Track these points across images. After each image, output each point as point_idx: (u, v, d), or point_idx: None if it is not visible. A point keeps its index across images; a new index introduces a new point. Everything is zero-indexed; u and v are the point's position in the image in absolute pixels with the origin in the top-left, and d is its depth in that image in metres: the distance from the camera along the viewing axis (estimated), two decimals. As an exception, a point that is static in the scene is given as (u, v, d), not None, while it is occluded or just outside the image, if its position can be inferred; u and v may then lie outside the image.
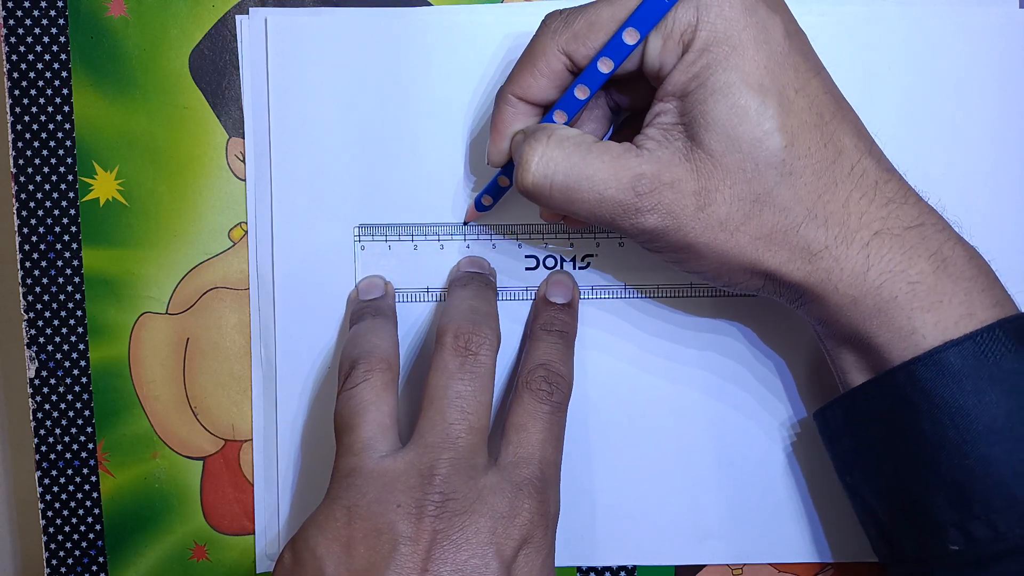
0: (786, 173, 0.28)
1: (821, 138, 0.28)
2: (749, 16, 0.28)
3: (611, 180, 0.29)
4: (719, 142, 0.28)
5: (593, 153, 0.29)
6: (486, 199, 0.35)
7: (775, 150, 0.28)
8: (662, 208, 0.28)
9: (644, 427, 0.37)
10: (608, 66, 0.29)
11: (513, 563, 0.28)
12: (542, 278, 0.36)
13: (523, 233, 0.36)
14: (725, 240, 0.29)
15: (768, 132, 0.28)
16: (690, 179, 0.28)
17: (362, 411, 0.31)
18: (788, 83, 0.28)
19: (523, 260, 0.36)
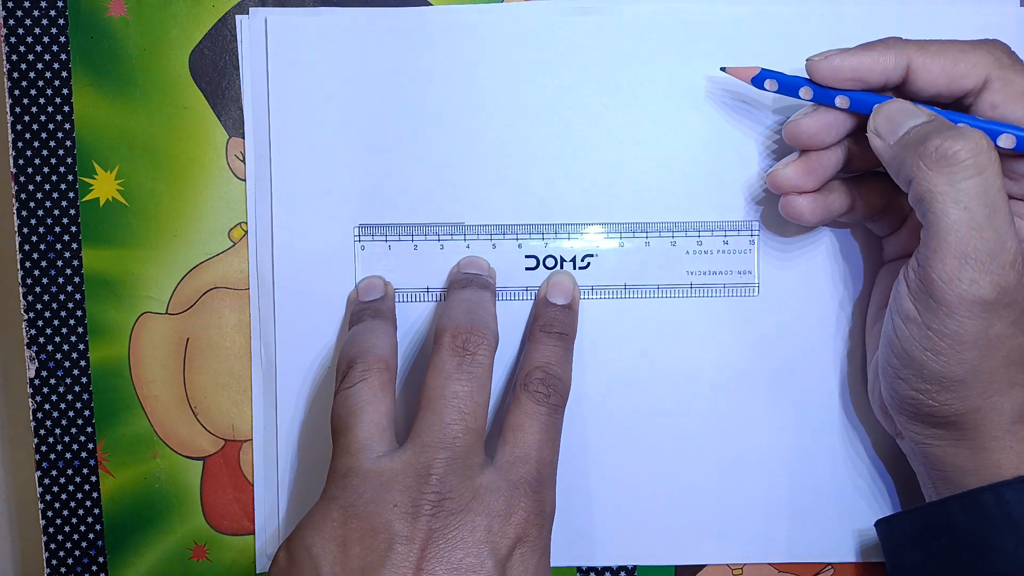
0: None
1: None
2: None
3: (1008, 229, 0.27)
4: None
5: (1006, 196, 0.28)
6: (771, 84, 0.33)
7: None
8: (1005, 290, 0.27)
9: (644, 427, 0.37)
10: None
11: (508, 562, 0.28)
12: (542, 278, 0.36)
13: (523, 233, 0.36)
14: (990, 367, 0.28)
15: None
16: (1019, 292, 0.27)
17: (359, 411, 0.31)
18: None
19: (523, 260, 0.36)
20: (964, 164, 0.27)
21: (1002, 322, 0.27)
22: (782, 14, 0.35)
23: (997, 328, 0.27)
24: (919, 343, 0.29)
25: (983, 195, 0.27)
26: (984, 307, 0.27)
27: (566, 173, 0.36)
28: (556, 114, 0.36)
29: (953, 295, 0.27)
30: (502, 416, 0.33)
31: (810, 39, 0.35)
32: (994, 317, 0.27)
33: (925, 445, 0.31)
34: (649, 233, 0.36)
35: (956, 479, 0.30)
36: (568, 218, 0.36)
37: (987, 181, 0.27)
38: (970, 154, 0.27)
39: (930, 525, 0.31)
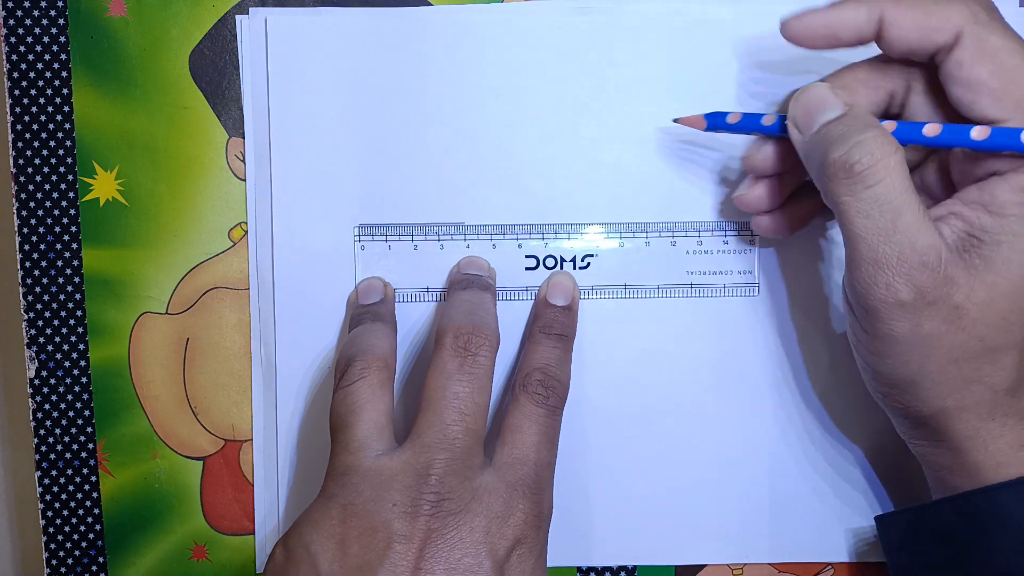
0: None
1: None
2: None
3: (924, 233, 0.27)
4: (1008, 282, 0.27)
5: (917, 196, 0.27)
6: (733, 117, 0.32)
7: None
8: (927, 293, 0.27)
9: (644, 427, 0.37)
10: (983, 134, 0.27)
11: (506, 563, 0.28)
12: (542, 278, 0.36)
13: (523, 233, 0.36)
14: (939, 359, 0.27)
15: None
16: (962, 291, 0.27)
17: (358, 409, 0.31)
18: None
19: (523, 260, 0.36)
20: (862, 175, 0.27)
21: (931, 321, 0.27)
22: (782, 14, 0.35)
23: (927, 327, 0.27)
24: (865, 347, 0.29)
25: (885, 202, 0.27)
26: (905, 309, 0.27)
27: (566, 173, 0.36)
28: (556, 114, 0.36)
29: (874, 300, 0.27)
30: (500, 417, 0.33)
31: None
32: (920, 317, 0.27)
33: (914, 445, 0.31)
34: (649, 233, 0.36)
35: (947, 479, 0.30)
36: (568, 218, 0.36)
37: (888, 187, 0.27)
38: (867, 165, 0.27)
39: (923, 526, 0.31)
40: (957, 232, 0.28)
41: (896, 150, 0.27)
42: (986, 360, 0.27)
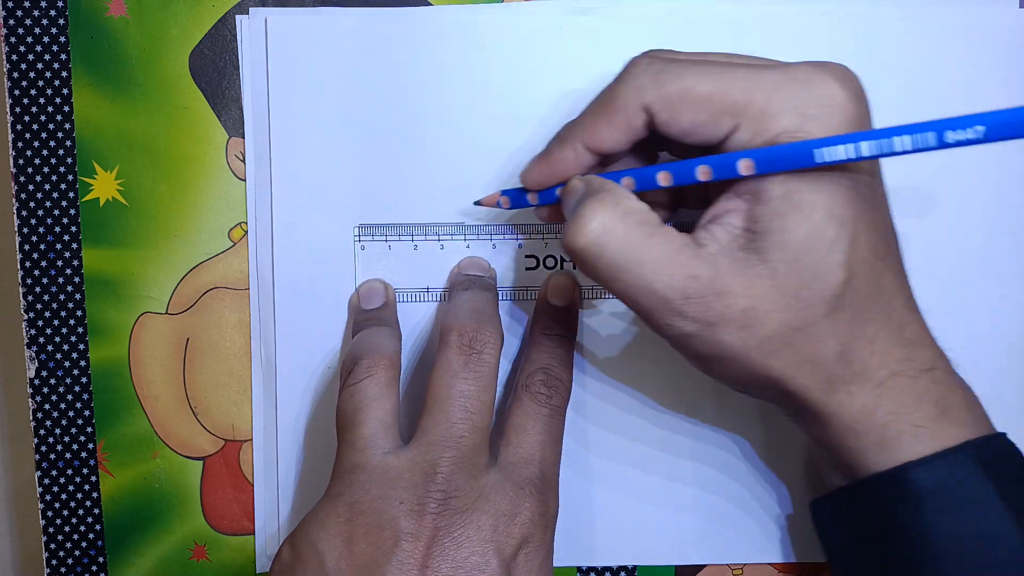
0: (834, 308, 0.27)
1: (872, 274, 0.27)
2: None
3: (663, 274, 0.27)
4: (785, 264, 0.26)
5: (654, 239, 0.27)
6: (504, 201, 0.34)
7: (834, 285, 0.26)
8: (705, 317, 0.27)
9: (644, 427, 0.37)
10: (707, 176, 0.27)
11: (513, 562, 0.28)
12: (542, 278, 0.36)
13: (523, 233, 0.36)
14: (758, 358, 0.27)
15: (833, 266, 0.26)
16: (742, 295, 0.27)
17: (365, 407, 0.31)
18: (863, 216, 0.27)
19: (523, 260, 0.36)
20: (584, 255, 0.27)
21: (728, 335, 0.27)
22: (782, 14, 0.35)
23: (729, 340, 0.27)
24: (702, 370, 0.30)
25: (619, 264, 0.27)
26: (699, 337, 0.27)
27: (566, 173, 0.36)
28: (556, 114, 0.36)
29: (671, 338, 0.28)
30: (503, 417, 0.33)
31: (810, 39, 0.35)
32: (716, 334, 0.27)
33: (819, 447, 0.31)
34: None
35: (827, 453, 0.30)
36: (568, 218, 0.36)
37: (614, 251, 0.27)
38: (581, 247, 0.27)
39: (840, 509, 0.30)
40: (733, 230, 0.27)
41: (612, 208, 0.27)
42: (801, 340, 0.27)
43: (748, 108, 0.27)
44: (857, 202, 0.27)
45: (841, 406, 0.28)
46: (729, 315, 0.27)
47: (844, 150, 0.25)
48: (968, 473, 0.27)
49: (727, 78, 0.27)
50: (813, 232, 0.26)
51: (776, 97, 0.26)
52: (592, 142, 0.29)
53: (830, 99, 0.26)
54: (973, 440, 0.27)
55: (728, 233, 0.27)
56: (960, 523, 0.27)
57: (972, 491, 0.27)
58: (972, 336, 0.36)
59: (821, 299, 0.27)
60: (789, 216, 0.26)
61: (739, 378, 0.29)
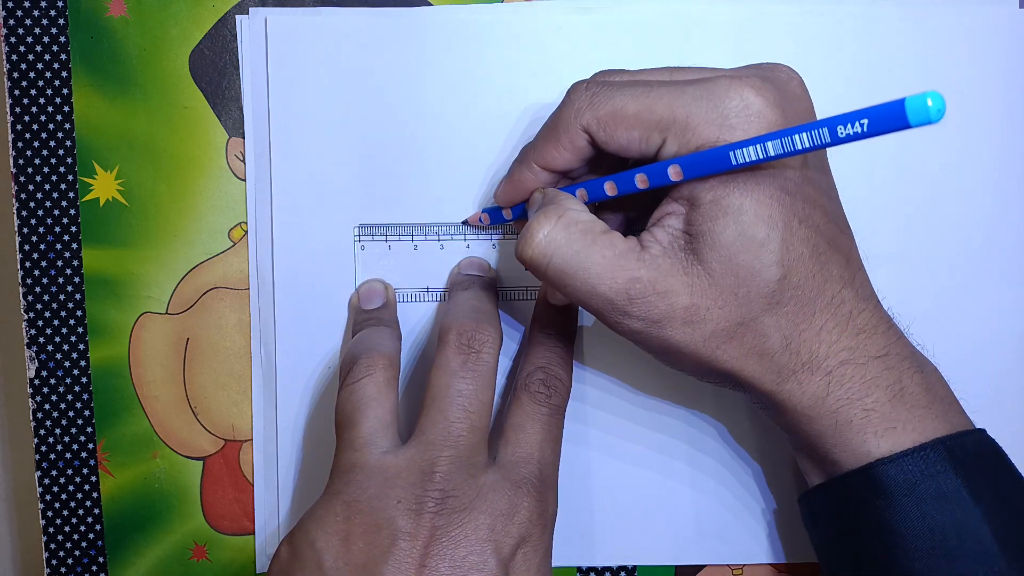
0: (774, 303, 0.28)
1: (812, 268, 0.28)
2: None
3: (606, 277, 0.28)
4: (719, 263, 0.28)
5: (597, 245, 0.29)
6: (484, 218, 0.35)
7: (769, 281, 0.28)
8: (650, 316, 0.28)
9: (644, 427, 0.37)
10: (644, 183, 0.29)
11: (511, 561, 0.28)
12: None
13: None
14: (706, 352, 0.29)
15: (767, 264, 0.28)
16: (683, 293, 0.28)
17: (364, 406, 0.31)
18: (795, 213, 0.28)
19: (523, 260, 0.36)
20: (533, 263, 0.29)
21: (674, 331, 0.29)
22: (782, 14, 0.35)
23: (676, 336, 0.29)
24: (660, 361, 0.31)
25: (566, 271, 0.29)
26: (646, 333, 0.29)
27: (566, 173, 0.36)
28: (556, 114, 0.36)
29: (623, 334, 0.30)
30: (502, 416, 0.33)
31: (810, 39, 0.35)
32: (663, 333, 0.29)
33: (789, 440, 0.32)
34: (649, 233, 0.36)
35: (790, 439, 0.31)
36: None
37: (560, 258, 0.29)
38: (530, 257, 0.29)
39: (813, 512, 0.31)
40: (673, 232, 0.29)
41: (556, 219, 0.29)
42: (745, 334, 0.28)
43: (672, 123, 0.28)
44: (786, 200, 0.28)
45: (792, 394, 0.29)
46: (673, 313, 0.28)
47: (754, 151, 0.26)
48: (938, 469, 0.28)
49: (651, 97, 0.29)
50: (743, 233, 0.28)
51: (696, 111, 0.28)
52: (544, 162, 0.31)
53: (746, 108, 0.27)
54: (943, 436, 0.28)
55: (668, 235, 0.29)
56: (931, 517, 0.27)
57: (942, 486, 0.27)
58: (972, 336, 0.36)
59: (759, 295, 0.28)
60: (719, 219, 0.28)
61: (695, 370, 0.30)
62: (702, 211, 0.28)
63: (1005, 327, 0.36)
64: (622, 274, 0.28)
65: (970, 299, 0.36)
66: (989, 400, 0.36)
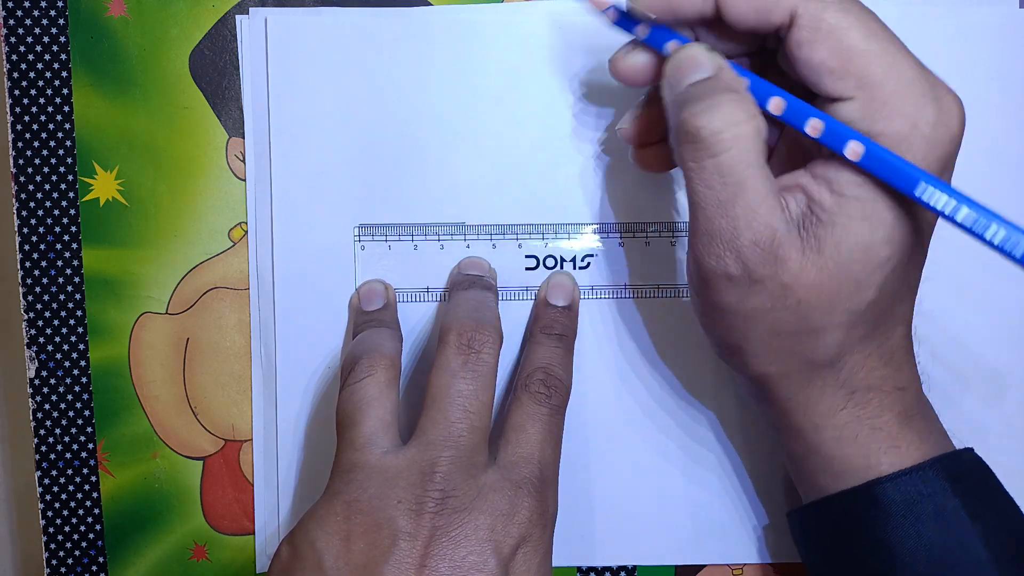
0: (852, 322, 0.27)
1: (891, 300, 0.28)
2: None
3: (753, 210, 0.26)
4: (835, 264, 0.26)
5: (764, 171, 0.27)
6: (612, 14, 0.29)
7: (863, 302, 0.27)
8: (754, 271, 0.27)
9: (644, 427, 0.37)
10: (815, 132, 0.26)
11: (511, 561, 0.28)
12: (542, 278, 0.36)
13: (523, 233, 0.36)
14: (759, 336, 0.28)
15: (870, 284, 0.27)
16: (791, 272, 0.27)
17: (365, 406, 0.31)
18: (908, 243, 0.27)
19: (523, 260, 0.36)
20: (706, 142, 0.26)
21: (757, 297, 0.27)
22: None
23: (753, 302, 0.27)
24: (698, 311, 0.30)
25: (728, 174, 0.26)
26: (733, 282, 0.27)
27: (566, 173, 0.36)
28: (556, 114, 0.36)
29: (705, 270, 0.28)
30: (502, 417, 0.33)
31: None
32: (747, 292, 0.27)
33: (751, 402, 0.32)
34: (649, 233, 0.36)
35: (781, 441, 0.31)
36: (568, 218, 0.36)
37: (733, 159, 0.26)
38: (711, 132, 0.26)
39: (812, 522, 0.31)
40: (800, 207, 0.27)
41: (750, 119, 0.26)
42: (808, 336, 0.28)
43: (870, 84, 0.26)
44: (911, 229, 0.27)
45: (807, 401, 0.29)
46: (771, 282, 0.27)
47: (945, 202, 0.25)
48: (936, 488, 0.27)
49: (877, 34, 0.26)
50: (871, 247, 0.26)
51: (903, 90, 0.25)
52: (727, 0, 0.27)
53: (948, 129, 0.26)
54: (940, 456, 0.28)
55: (798, 207, 0.27)
56: (928, 536, 0.27)
57: (939, 505, 0.27)
58: (972, 336, 0.36)
59: (847, 310, 0.27)
60: (856, 222, 0.26)
61: (731, 342, 0.29)
62: (842, 203, 0.26)
63: (1005, 326, 0.36)
64: (766, 218, 0.26)
65: (970, 299, 0.36)
66: (989, 400, 0.36)
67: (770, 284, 0.27)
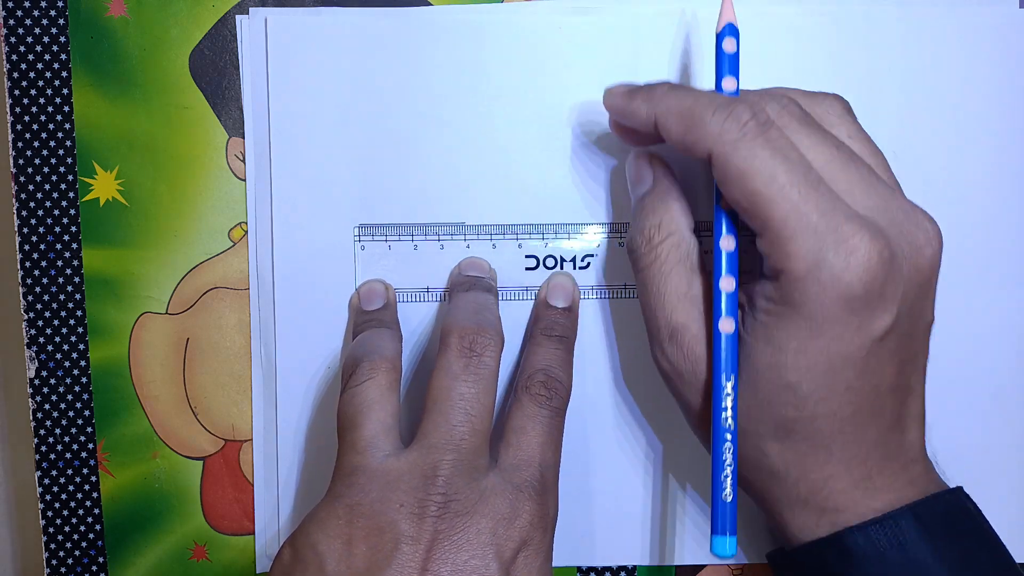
0: (784, 438, 0.29)
1: (830, 416, 0.28)
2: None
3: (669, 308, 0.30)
4: (744, 378, 0.29)
5: (684, 277, 0.30)
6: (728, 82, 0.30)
7: (784, 420, 0.28)
8: (674, 367, 0.31)
9: (644, 427, 0.37)
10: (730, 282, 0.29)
11: (512, 564, 0.28)
12: (542, 278, 0.36)
13: (523, 233, 0.36)
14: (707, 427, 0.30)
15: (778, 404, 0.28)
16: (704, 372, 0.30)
17: (366, 409, 0.31)
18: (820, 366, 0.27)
19: (523, 260, 0.36)
20: (635, 255, 0.31)
21: (689, 392, 0.31)
22: (782, 14, 0.35)
23: (688, 396, 0.31)
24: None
25: (651, 282, 0.31)
26: (667, 376, 0.31)
27: (566, 172, 0.36)
28: (556, 114, 0.36)
29: (654, 361, 0.32)
30: (503, 418, 0.33)
31: (810, 39, 0.35)
32: (680, 387, 0.31)
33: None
34: (649, 233, 0.36)
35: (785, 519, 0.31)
36: (568, 218, 0.36)
37: (655, 270, 0.30)
38: (637, 247, 0.31)
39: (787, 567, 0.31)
40: (737, 320, 0.29)
41: (667, 235, 0.30)
42: (745, 439, 0.30)
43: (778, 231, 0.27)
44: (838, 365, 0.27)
45: (776, 454, 0.29)
46: (694, 379, 0.31)
47: None
48: (906, 537, 0.27)
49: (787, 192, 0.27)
50: (777, 368, 0.28)
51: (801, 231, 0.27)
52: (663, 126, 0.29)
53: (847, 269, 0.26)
54: (913, 503, 0.28)
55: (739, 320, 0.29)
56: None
57: (911, 553, 0.27)
58: (972, 336, 0.36)
59: (772, 420, 0.29)
60: (760, 343, 0.28)
61: (689, 422, 0.32)
62: (754, 324, 0.28)
63: (1005, 327, 0.36)
64: (683, 316, 0.30)
65: (970, 299, 0.36)
66: (989, 400, 0.36)
67: (693, 380, 0.30)
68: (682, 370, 0.30)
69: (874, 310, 0.27)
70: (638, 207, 0.31)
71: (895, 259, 0.27)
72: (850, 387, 0.27)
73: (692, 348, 0.30)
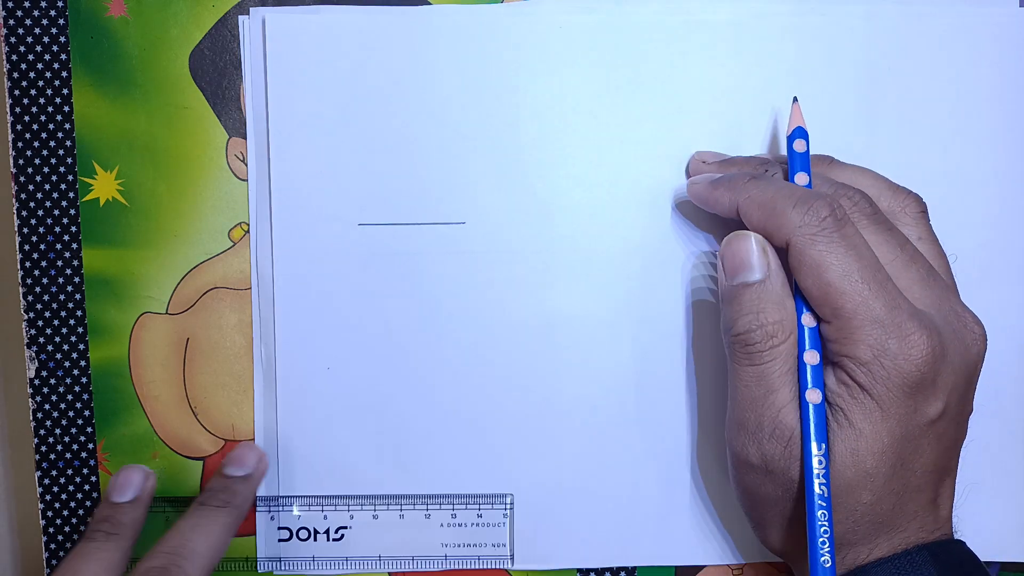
0: (854, 522, 0.29)
1: (892, 497, 0.29)
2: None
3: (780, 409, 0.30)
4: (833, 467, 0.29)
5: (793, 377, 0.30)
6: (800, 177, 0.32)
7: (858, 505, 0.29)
8: (764, 462, 0.30)
9: (644, 427, 0.37)
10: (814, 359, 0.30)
11: None
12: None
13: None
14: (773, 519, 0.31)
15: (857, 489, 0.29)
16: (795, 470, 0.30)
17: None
18: (893, 448, 0.29)
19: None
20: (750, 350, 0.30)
21: (771, 486, 0.31)
22: (782, 14, 0.35)
23: (766, 490, 0.31)
24: (732, 484, 0.33)
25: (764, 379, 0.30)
26: (753, 469, 0.31)
27: (566, 173, 0.36)
28: (556, 114, 0.36)
29: (733, 453, 0.31)
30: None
31: (810, 40, 0.35)
32: (763, 480, 0.31)
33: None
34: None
35: None
36: (568, 218, 0.36)
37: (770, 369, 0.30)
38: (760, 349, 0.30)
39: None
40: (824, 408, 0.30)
41: (789, 335, 0.30)
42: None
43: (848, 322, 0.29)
44: (897, 439, 0.29)
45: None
46: (783, 476, 0.30)
47: None
48: (924, 573, 0.28)
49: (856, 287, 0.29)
50: (857, 454, 0.29)
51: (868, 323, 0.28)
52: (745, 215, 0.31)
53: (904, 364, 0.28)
54: (929, 543, 0.29)
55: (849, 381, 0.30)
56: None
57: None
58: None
59: (845, 508, 0.29)
60: (844, 429, 0.29)
61: (751, 514, 0.32)
62: (834, 411, 0.29)
63: (1005, 327, 0.36)
64: (788, 418, 0.30)
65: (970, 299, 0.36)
66: (989, 400, 0.36)
67: (781, 477, 0.30)
68: (775, 468, 0.30)
69: (928, 396, 0.29)
70: (750, 296, 0.30)
71: (947, 353, 0.29)
72: (906, 466, 0.29)
73: (793, 448, 0.30)
